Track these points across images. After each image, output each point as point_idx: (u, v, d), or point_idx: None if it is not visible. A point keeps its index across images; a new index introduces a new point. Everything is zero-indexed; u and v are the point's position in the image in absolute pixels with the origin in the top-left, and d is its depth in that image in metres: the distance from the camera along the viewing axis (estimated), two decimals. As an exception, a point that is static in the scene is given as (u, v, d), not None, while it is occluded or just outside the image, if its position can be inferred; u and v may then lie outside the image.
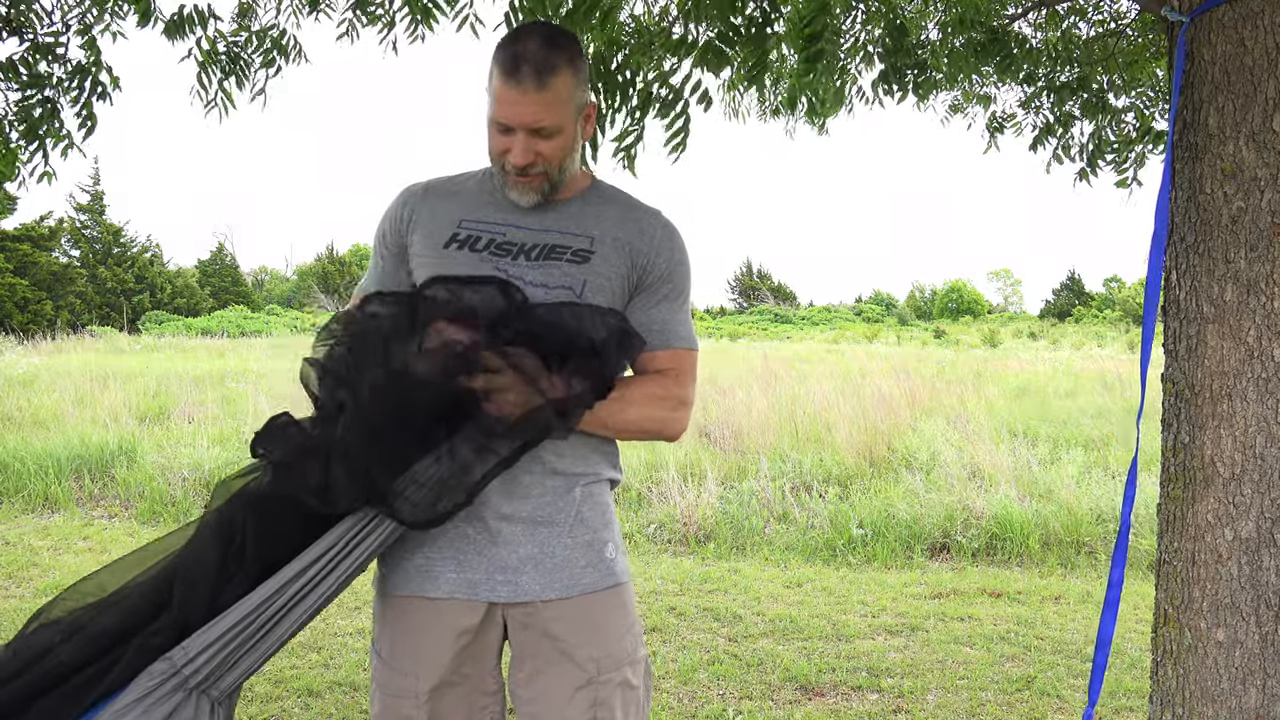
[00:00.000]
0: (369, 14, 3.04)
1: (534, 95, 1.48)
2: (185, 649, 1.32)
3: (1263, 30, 1.62)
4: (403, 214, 1.64)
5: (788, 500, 6.31)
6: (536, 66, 1.47)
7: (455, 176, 1.69)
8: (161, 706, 1.29)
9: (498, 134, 1.52)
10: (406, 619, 1.56)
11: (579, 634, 1.57)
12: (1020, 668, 3.80)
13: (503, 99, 1.49)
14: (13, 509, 6.53)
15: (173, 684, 1.31)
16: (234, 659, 1.35)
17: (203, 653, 1.32)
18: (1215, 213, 1.67)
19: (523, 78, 1.47)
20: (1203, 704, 1.68)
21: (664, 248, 1.62)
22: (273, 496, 1.41)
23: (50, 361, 14.38)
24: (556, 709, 1.56)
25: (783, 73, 3.79)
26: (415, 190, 1.67)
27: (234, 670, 1.36)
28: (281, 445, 1.43)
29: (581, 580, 1.58)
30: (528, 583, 1.55)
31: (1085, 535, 5.65)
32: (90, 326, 29.64)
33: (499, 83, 1.49)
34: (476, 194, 1.63)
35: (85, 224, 37.61)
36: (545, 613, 1.56)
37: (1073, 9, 3.58)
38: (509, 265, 1.55)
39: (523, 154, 1.52)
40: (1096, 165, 3.79)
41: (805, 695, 3.54)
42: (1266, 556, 1.63)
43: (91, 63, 3.07)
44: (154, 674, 1.31)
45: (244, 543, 1.39)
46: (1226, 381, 1.66)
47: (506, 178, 1.56)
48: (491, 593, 1.54)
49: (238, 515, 1.42)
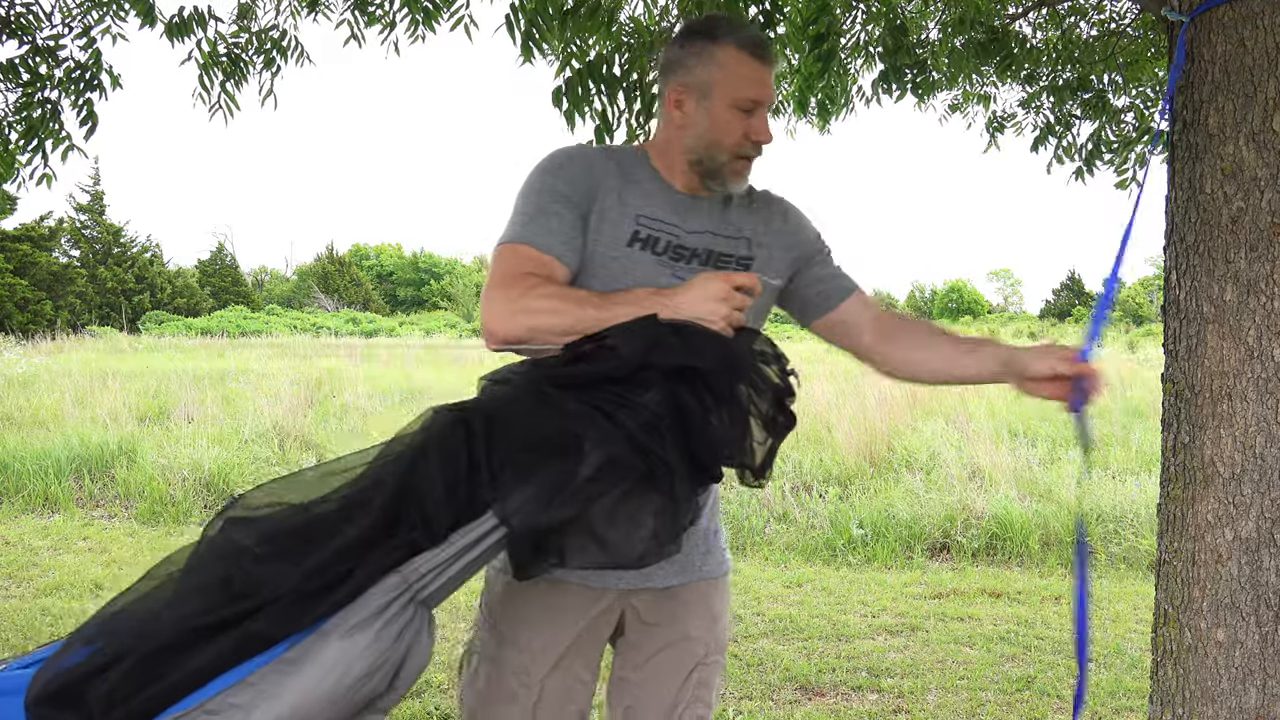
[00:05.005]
0: (369, 15, 3.04)
1: (771, 73, 1.54)
2: (415, 566, 1.22)
3: (1263, 30, 1.62)
4: (587, 181, 1.53)
5: (788, 500, 6.31)
6: (772, 45, 1.58)
7: (614, 151, 1.63)
8: (397, 622, 1.20)
9: (739, 118, 1.52)
10: (535, 598, 1.59)
11: (696, 619, 1.64)
12: (1020, 668, 3.80)
13: (753, 77, 1.52)
14: (13, 509, 6.52)
15: (406, 598, 1.21)
16: (457, 580, 1.27)
17: (431, 571, 1.23)
18: (1215, 213, 1.67)
19: (769, 55, 1.53)
20: (1203, 704, 1.69)
21: (800, 220, 1.68)
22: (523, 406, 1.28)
23: (50, 361, 14.37)
24: (669, 691, 1.64)
25: (783, 73, 3.79)
26: (592, 157, 1.57)
27: (449, 588, 1.27)
28: (642, 340, 1.30)
29: (702, 568, 1.64)
30: (653, 570, 1.58)
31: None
32: (90, 326, 29.63)
33: (743, 61, 1.51)
34: (643, 184, 1.57)
35: (85, 224, 37.61)
36: (666, 599, 1.62)
37: (1073, 9, 3.58)
38: (685, 271, 1.53)
39: (768, 129, 1.55)
40: (1094, 164, 3.79)
41: (805, 695, 3.54)
42: (1266, 556, 1.63)
43: (92, 62, 3.07)
44: (388, 588, 1.21)
45: (489, 453, 1.25)
46: (1226, 381, 1.66)
47: (731, 168, 1.55)
48: (619, 580, 1.58)
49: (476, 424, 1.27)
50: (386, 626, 1.19)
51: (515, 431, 1.26)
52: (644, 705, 1.65)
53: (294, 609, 1.17)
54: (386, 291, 51.97)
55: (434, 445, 1.26)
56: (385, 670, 1.20)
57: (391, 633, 1.19)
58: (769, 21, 2.55)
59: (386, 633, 1.18)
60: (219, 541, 1.23)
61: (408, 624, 1.21)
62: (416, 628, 1.23)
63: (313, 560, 1.20)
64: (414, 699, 3.47)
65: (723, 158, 1.53)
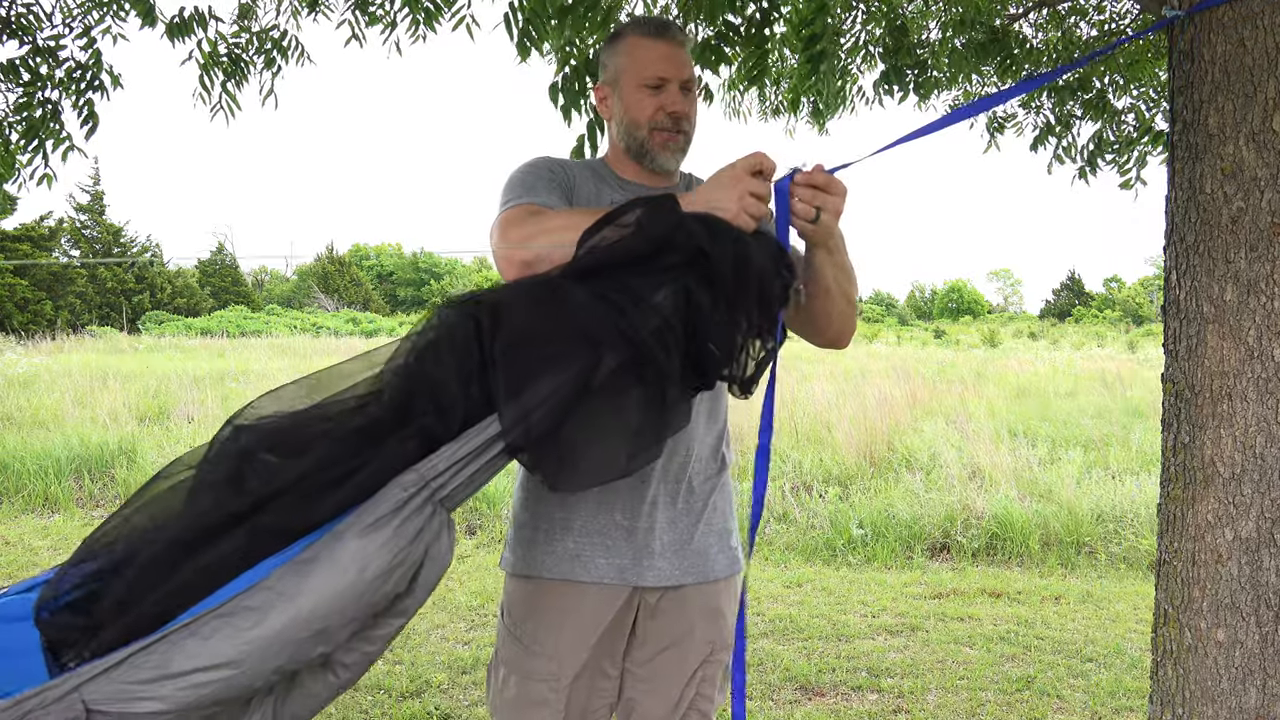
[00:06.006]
0: (369, 15, 3.04)
1: (682, 50, 1.61)
2: (433, 463, 1.18)
3: (1263, 30, 1.62)
4: (564, 175, 1.64)
5: (788, 500, 6.31)
6: (678, 27, 1.63)
7: (585, 161, 1.74)
8: (415, 520, 1.16)
9: (648, 95, 1.60)
10: (554, 603, 1.60)
11: (706, 618, 1.66)
12: (1020, 668, 3.80)
13: (655, 56, 1.59)
14: (13, 509, 6.52)
15: (423, 496, 1.17)
16: (476, 479, 1.22)
17: (449, 468, 1.19)
18: (1215, 213, 1.67)
19: (674, 33, 1.61)
20: (1203, 704, 1.69)
21: None
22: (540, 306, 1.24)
23: (50, 361, 14.37)
24: (675, 686, 1.65)
25: (783, 73, 3.79)
26: (565, 161, 1.70)
27: (467, 489, 1.22)
28: (663, 222, 1.27)
29: (715, 567, 1.66)
30: (669, 568, 1.61)
31: (1085, 535, 5.65)
32: (90, 326, 29.63)
33: (645, 44, 1.60)
34: (608, 182, 1.67)
35: (85, 224, 37.60)
36: (680, 597, 1.64)
37: (1073, 9, 3.58)
38: None
39: (682, 101, 1.60)
40: (1096, 165, 3.79)
41: (805, 695, 3.54)
42: (1266, 556, 1.63)
43: (92, 62, 3.07)
44: (405, 485, 1.16)
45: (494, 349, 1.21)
46: (1226, 382, 1.66)
47: (652, 141, 1.62)
48: (638, 578, 1.60)
49: (484, 320, 1.23)
50: (404, 524, 1.15)
51: (521, 329, 1.23)
52: (648, 699, 1.66)
53: (304, 501, 1.14)
54: (386, 291, 51.96)
55: (444, 341, 1.24)
56: (404, 570, 1.16)
57: (409, 530, 1.15)
58: (765, 21, 2.55)
59: (404, 530, 1.15)
60: (228, 443, 1.20)
61: (426, 523, 1.17)
62: (435, 528, 1.19)
63: (323, 450, 1.17)
64: (414, 699, 3.47)
65: (641, 134, 1.62)
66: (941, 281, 63.43)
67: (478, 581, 4.93)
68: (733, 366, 1.32)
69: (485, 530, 5.99)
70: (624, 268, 1.27)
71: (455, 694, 3.54)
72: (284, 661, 1.09)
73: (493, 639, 4.08)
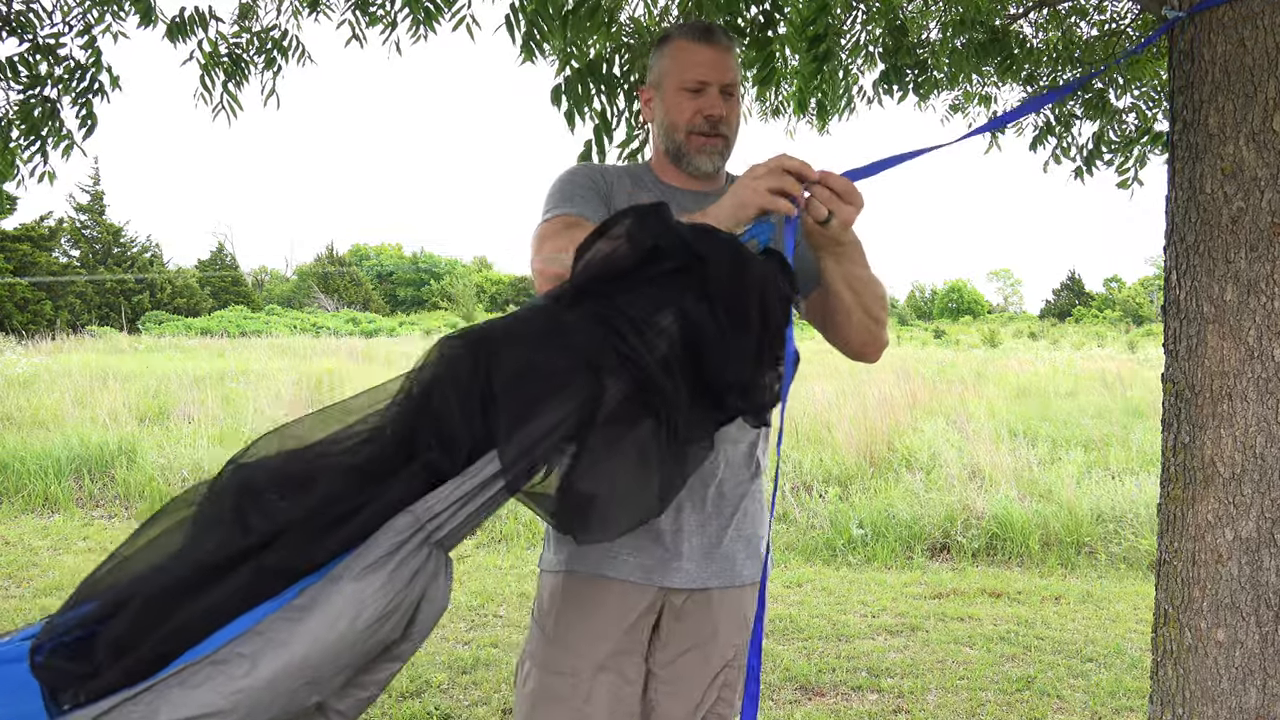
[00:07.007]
0: (369, 15, 3.04)
1: (725, 55, 1.63)
2: (429, 504, 1.16)
3: (1263, 30, 1.62)
4: (604, 184, 1.66)
5: (788, 500, 6.31)
6: (723, 31, 1.65)
7: (625, 167, 1.76)
8: (410, 563, 1.14)
9: (688, 99, 1.62)
10: (582, 596, 1.61)
11: (730, 622, 1.67)
12: (1020, 668, 3.80)
13: (696, 60, 1.61)
14: (13, 509, 6.53)
15: (419, 539, 1.15)
16: (472, 520, 1.20)
17: (446, 509, 1.17)
18: (1215, 213, 1.67)
19: (718, 38, 1.63)
20: (1203, 704, 1.69)
21: None
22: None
23: (50, 361, 14.37)
24: (697, 689, 1.66)
25: (784, 74, 3.79)
26: (605, 168, 1.72)
27: (465, 529, 1.20)
28: (659, 229, 1.24)
29: (742, 573, 1.67)
30: (696, 570, 1.62)
31: (1085, 535, 5.65)
32: (90, 326, 29.62)
33: (689, 47, 1.62)
34: (649, 189, 1.68)
35: (85, 224, 37.60)
36: (705, 600, 1.64)
37: (1073, 9, 3.58)
38: None
39: (721, 105, 1.62)
40: (1093, 164, 3.80)
41: (805, 695, 3.54)
42: (1266, 556, 1.63)
43: (92, 62, 3.07)
44: (399, 529, 1.15)
45: (489, 378, 1.19)
46: (1226, 382, 1.66)
47: (689, 145, 1.64)
48: (665, 579, 1.61)
49: (483, 353, 1.22)
50: (399, 568, 1.13)
51: (520, 362, 1.21)
52: (669, 701, 1.66)
53: (309, 538, 1.12)
54: (386, 291, 51.95)
55: (445, 376, 1.22)
56: (400, 615, 1.15)
57: (404, 574, 1.14)
58: (769, 22, 2.55)
59: (399, 574, 1.13)
60: (230, 484, 1.18)
61: (422, 565, 1.16)
62: (432, 570, 1.17)
63: (328, 487, 1.16)
64: (414, 699, 3.47)
65: (679, 137, 1.64)
66: (941, 281, 63.44)
67: (478, 581, 4.94)
68: (749, 396, 1.29)
69: (485, 530, 5.99)
70: (619, 283, 1.26)
71: (455, 694, 3.54)
72: (277, 713, 1.09)
73: (493, 639, 4.09)
